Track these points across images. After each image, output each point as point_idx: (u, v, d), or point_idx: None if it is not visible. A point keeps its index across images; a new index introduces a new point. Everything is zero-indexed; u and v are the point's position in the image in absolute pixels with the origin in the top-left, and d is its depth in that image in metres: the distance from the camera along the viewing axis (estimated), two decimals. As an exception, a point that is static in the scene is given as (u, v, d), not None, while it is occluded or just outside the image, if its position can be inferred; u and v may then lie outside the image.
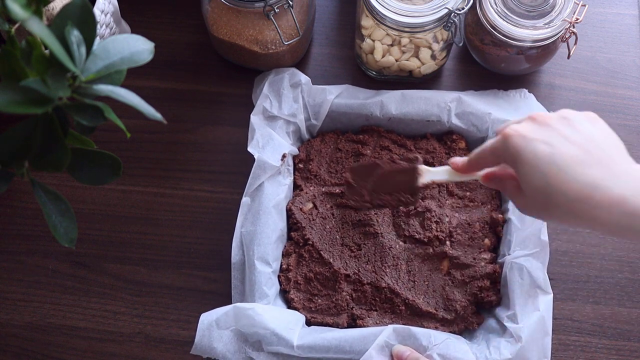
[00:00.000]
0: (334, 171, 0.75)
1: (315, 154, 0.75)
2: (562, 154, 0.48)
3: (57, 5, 0.66)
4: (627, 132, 0.79)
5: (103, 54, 0.43)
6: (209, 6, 0.75)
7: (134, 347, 0.71)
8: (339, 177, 0.74)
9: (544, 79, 0.81)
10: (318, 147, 0.76)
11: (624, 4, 0.85)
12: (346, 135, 0.76)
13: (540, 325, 0.64)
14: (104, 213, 0.76)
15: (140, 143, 0.79)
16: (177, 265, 0.74)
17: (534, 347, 0.64)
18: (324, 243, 0.71)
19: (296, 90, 0.75)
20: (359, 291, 0.69)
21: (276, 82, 0.75)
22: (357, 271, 0.70)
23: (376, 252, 0.71)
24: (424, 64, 0.77)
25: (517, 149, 0.50)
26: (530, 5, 0.73)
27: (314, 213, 0.72)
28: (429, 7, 0.71)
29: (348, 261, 0.70)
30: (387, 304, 0.69)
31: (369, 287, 0.69)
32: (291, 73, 0.76)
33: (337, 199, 0.73)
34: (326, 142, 0.76)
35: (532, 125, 0.51)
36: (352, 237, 0.72)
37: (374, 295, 0.69)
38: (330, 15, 0.85)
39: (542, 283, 0.66)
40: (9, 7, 0.37)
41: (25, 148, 0.42)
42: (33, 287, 0.73)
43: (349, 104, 0.75)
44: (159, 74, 0.82)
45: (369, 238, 0.71)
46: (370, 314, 0.69)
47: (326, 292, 0.70)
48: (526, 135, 0.50)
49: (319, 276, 0.70)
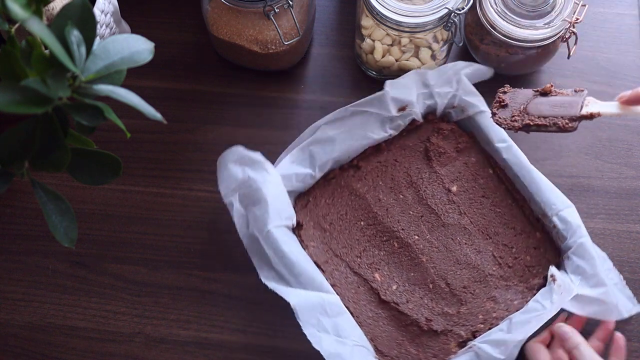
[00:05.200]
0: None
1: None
2: None
3: (57, 5, 0.66)
4: (627, 132, 0.79)
5: (103, 54, 0.43)
6: (209, 6, 0.75)
7: (134, 347, 0.71)
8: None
9: (544, 79, 0.81)
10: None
11: (624, 4, 0.85)
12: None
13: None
14: (104, 213, 0.76)
15: (140, 143, 0.79)
16: (177, 265, 0.74)
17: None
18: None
19: (457, 78, 0.74)
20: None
21: (451, 65, 0.75)
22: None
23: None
24: (424, 64, 0.77)
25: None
26: (530, 5, 0.73)
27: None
28: (429, 7, 0.71)
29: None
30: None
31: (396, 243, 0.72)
32: (468, 64, 0.75)
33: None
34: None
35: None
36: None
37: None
38: (330, 15, 0.85)
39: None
40: (9, 7, 0.37)
41: (25, 148, 0.42)
42: (33, 287, 0.73)
43: (490, 125, 0.74)
44: (159, 74, 0.82)
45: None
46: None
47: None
48: None
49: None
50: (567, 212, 0.70)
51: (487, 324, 0.68)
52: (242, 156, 0.68)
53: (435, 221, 0.73)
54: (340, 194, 0.73)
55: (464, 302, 0.69)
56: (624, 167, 0.77)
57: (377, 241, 0.72)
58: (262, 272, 0.67)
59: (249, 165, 0.68)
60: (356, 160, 0.74)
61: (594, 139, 0.79)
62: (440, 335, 0.68)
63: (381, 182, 0.74)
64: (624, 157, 0.78)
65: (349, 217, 0.72)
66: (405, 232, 0.72)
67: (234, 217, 0.68)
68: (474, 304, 0.69)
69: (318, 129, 0.72)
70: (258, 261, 0.67)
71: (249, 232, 0.67)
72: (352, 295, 0.69)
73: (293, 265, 0.65)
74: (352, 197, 0.73)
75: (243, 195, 0.67)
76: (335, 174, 0.73)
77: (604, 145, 0.78)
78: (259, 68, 0.80)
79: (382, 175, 0.74)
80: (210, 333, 0.71)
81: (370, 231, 0.72)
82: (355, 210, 0.73)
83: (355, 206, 0.73)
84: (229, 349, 0.71)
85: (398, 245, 0.72)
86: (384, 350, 0.67)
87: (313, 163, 0.71)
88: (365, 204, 0.73)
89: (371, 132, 0.72)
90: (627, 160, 0.78)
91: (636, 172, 0.77)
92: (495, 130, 0.73)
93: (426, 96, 0.74)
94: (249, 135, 0.79)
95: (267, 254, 0.66)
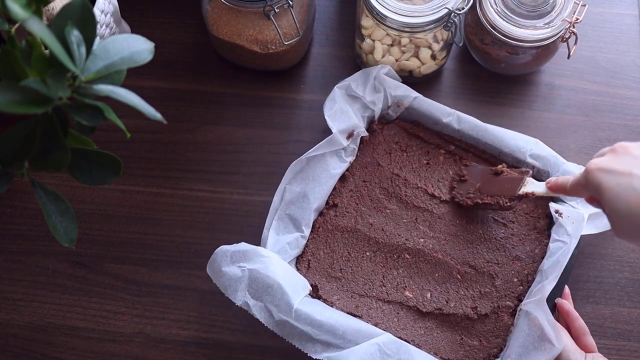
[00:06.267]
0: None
1: (383, 139, 0.76)
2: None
3: (57, 5, 0.66)
4: (627, 132, 0.79)
5: (103, 54, 0.42)
6: (209, 6, 0.75)
7: (134, 347, 0.71)
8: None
9: (544, 79, 0.81)
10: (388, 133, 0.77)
11: (624, 4, 0.85)
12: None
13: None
14: (104, 213, 0.76)
15: (140, 143, 0.79)
16: (177, 265, 0.74)
17: None
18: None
19: (379, 80, 0.75)
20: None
21: (369, 71, 0.76)
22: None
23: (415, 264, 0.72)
24: (424, 64, 0.77)
25: (598, 182, 0.54)
26: (530, 5, 0.73)
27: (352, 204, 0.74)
28: (429, 7, 0.71)
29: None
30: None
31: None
32: (382, 67, 0.76)
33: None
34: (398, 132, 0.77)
35: (611, 156, 0.55)
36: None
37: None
38: (330, 15, 0.85)
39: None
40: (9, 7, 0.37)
41: (25, 148, 0.42)
42: (33, 287, 0.73)
43: (430, 105, 0.75)
44: (159, 74, 0.82)
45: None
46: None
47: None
48: (605, 167, 0.54)
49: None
50: (536, 148, 0.73)
51: (524, 283, 0.69)
52: (230, 255, 0.66)
53: (430, 217, 0.73)
54: (333, 239, 0.72)
55: (494, 275, 0.70)
56: (624, 167, 0.77)
57: (391, 262, 0.71)
58: (309, 350, 0.64)
59: (242, 260, 0.66)
60: (331, 200, 0.73)
61: (594, 139, 0.79)
62: (491, 316, 0.68)
63: (363, 208, 0.73)
64: (624, 157, 0.78)
65: (353, 255, 0.72)
66: (410, 241, 0.72)
67: (255, 314, 0.65)
68: (503, 272, 0.70)
69: (285, 192, 0.71)
70: (299, 341, 0.64)
71: (276, 321, 0.65)
72: (396, 323, 0.69)
73: (334, 329, 0.64)
74: (345, 235, 0.72)
75: (252, 289, 0.65)
76: (320, 223, 0.72)
77: (604, 145, 0.78)
78: (259, 68, 0.80)
79: (360, 200, 0.74)
80: (210, 333, 0.71)
81: (379, 257, 0.72)
82: (355, 246, 0.72)
83: (353, 242, 0.72)
84: (229, 349, 0.71)
85: (411, 256, 0.71)
86: (451, 357, 0.67)
87: (297, 224, 0.70)
88: (361, 235, 0.72)
89: (333, 169, 0.72)
90: (627, 160, 0.78)
91: (636, 172, 0.77)
92: (437, 107, 0.75)
93: (362, 110, 0.75)
94: (249, 135, 0.79)
95: (304, 331, 0.64)
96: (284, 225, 0.70)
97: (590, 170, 0.55)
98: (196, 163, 0.78)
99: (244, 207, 0.76)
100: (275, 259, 0.66)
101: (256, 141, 0.79)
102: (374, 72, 0.75)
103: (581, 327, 0.65)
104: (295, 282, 0.66)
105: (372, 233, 0.72)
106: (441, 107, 0.75)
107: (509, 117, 0.79)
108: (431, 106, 0.75)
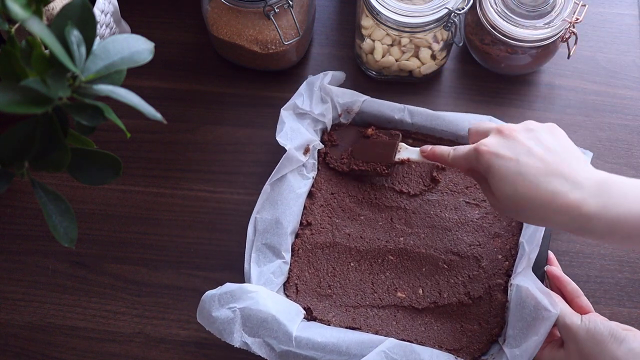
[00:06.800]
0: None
1: (339, 139, 0.76)
2: (527, 166, 0.57)
3: (57, 5, 0.66)
4: (627, 132, 0.79)
5: (103, 54, 0.42)
6: (209, 6, 0.75)
7: (134, 347, 0.71)
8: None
9: (544, 79, 0.81)
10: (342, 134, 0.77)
11: (624, 4, 0.85)
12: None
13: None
14: (104, 213, 0.76)
15: (140, 143, 0.79)
16: (177, 265, 0.74)
17: None
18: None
19: (325, 90, 0.75)
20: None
21: (312, 82, 0.75)
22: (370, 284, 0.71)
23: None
24: (424, 64, 0.77)
25: (489, 164, 0.58)
26: (530, 5, 0.73)
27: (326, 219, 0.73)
28: (429, 7, 0.71)
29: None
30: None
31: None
32: (325, 74, 0.76)
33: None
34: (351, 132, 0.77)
35: (500, 139, 0.59)
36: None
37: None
38: (330, 15, 0.85)
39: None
40: (9, 7, 0.37)
41: (25, 148, 0.42)
42: (33, 287, 0.73)
43: (380, 105, 0.75)
44: (159, 74, 0.82)
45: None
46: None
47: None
48: (496, 151, 0.58)
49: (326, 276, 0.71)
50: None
51: (509, 258, 0.70)
52: (218, 298, 0.64)
53: (404, 214, 0.73)
54: (315, 258, 0.72)
55: (479, 256, 0.70)
56: (624, 167, 0.77)
57: (376, 267, 0.71)
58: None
59: (230, 301, 0.64)
60: (304, 219, 0.73)
61: (594, 139, 0.79)
62: (485, 297, 0.69)
63: (337, 220, 0.73)
64: (624, 157, 0.78)
65: (338, 269, 0.71)
66: (390, 242, 0.72)
67: (256, 351, 0.64)
68: (486, 251, 0.71)
69: (257, 222, 0.70)
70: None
71: (278, 353, 0.64)
72: (395, 326, 0.69)
73: (337, 346, 0.64)
74: (326, 251, 0.72)
75: (247, 327, 0.64)
76: (298, 244, 0.72)
77: (604, 145, 0.78)
78: (259, 68, 0.80)
79: (333, 213, 0.74)
80: (210, 333, 0.71)
81: (364, 265, 0.71)
82: (338, 260, 0.72)
83: (335, 256, 0.72)
84: (229, 349, 0.71)
85: (395, 257, 0.72)
86: (456, 346, 0.67)
87: (277, 251, 0.69)
88: (341, 247, 0.72)
89: (298, 188, 0.72)
90: (627, 160, 0.78)
91: (636, 172, 0.77)
92: (388, 105, 0.76)
93: (313, 124, 0.75)
94: (249, 135, 0.79)
95: (308, 356, 0.63)
96: (263, 255, 0.69)
97: (482, 152, 0.59)
98: (196, 163, 0.78)
99: (244, 207, 0.76)
100: (264, 292, 0.65)
101: (256, 141, 0.79)
102: (317, 82, 0.75)
103: (574, 290, 0.65)
104: (289, 310, 0.66)
105: (351, 243, 0.72)
106: (391, 105, 0.75)
107: (509, 117, 0.79)
108: (381, 106, 0.75)
